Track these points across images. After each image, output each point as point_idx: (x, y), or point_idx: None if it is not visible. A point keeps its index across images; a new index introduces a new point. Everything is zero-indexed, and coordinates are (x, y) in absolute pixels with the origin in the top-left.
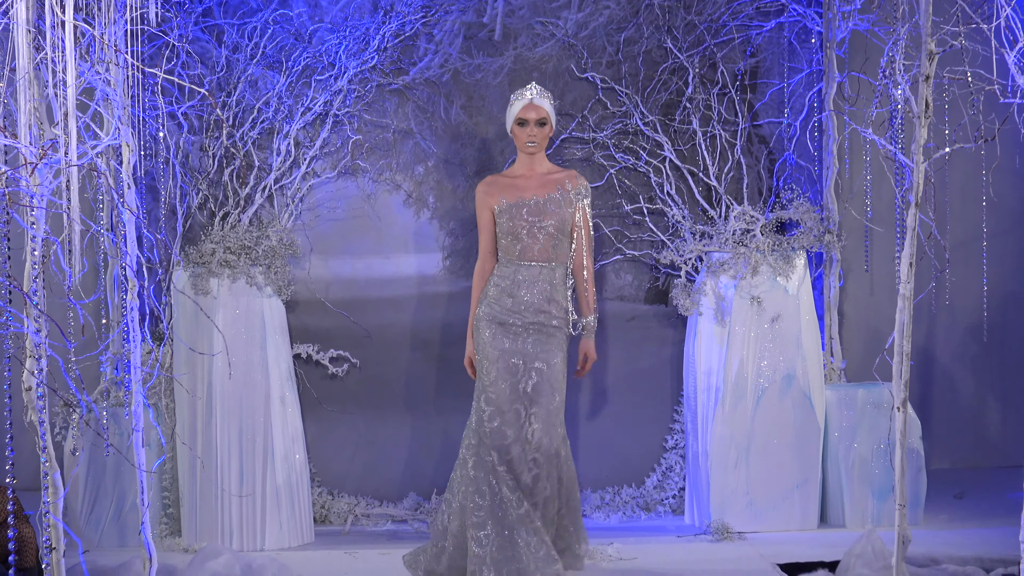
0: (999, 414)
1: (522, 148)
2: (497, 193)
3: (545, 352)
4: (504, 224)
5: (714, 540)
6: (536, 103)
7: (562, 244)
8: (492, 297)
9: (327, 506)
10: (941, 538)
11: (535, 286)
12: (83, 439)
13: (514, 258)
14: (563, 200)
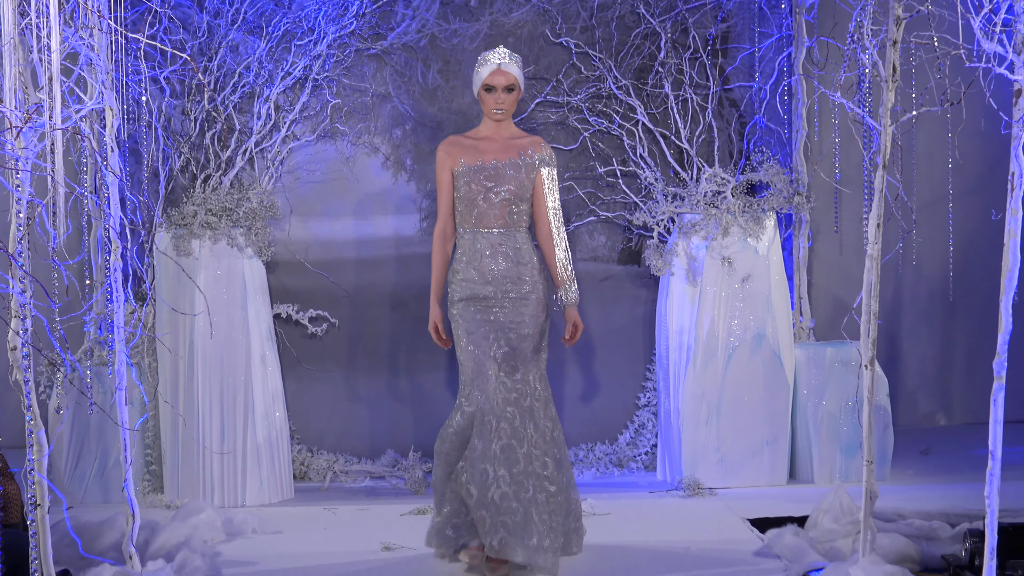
0: (965, 371)
1: (489, 114)
2: (458, 154)
3: (517, 323)
4: (461, 188)
5: (685, 496)
6: (504, 68)
7: (520, 210)
8: (459, 272)
9: (307, 463)
10: (907, 494)
11: (497, 254)
12: (67, 397)
13: (471, 225)
14: (523, 166)
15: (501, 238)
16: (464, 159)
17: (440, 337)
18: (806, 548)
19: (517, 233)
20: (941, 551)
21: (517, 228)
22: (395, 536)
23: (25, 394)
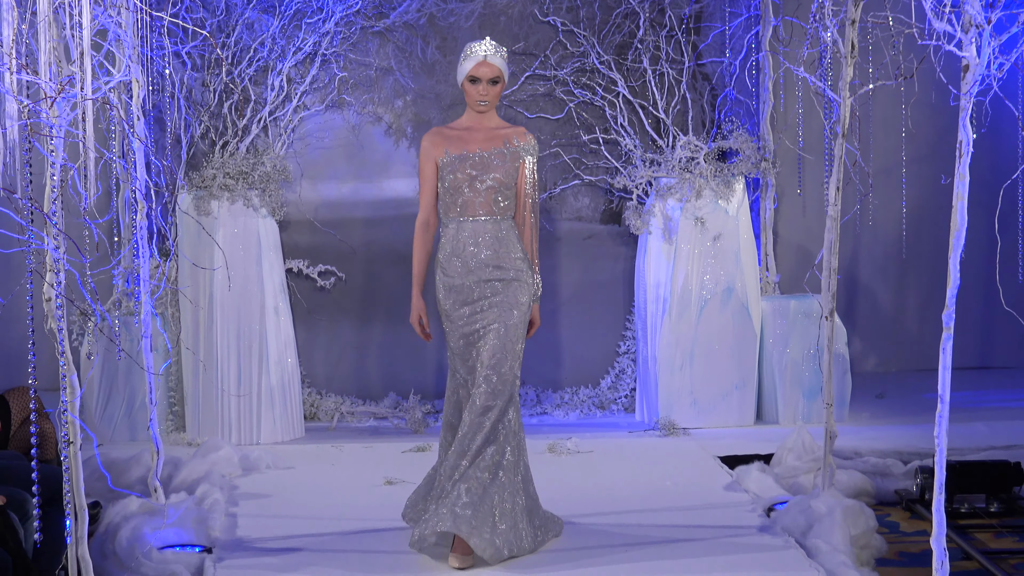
0: (916, 322)
1: (472, 106)
2: (443, 144)
3: (502, 311)
4: (447, 177)
5: (662, 435)
6: (490, 60)
7: (506, 199)
8: (443, 263)
9: (316, 404)
10: (864, 434)
11: (480, 241)
12: (97, 344)
13: (455, 214)
14: (508, 155)
15: (486, 225)
16: (449, 149)
17: (423, 330)
18: (772, 483)
19: (502, 221)
20: (894, 486)
21: (503, 216)
22: (397, 471)
23: (59, 341)
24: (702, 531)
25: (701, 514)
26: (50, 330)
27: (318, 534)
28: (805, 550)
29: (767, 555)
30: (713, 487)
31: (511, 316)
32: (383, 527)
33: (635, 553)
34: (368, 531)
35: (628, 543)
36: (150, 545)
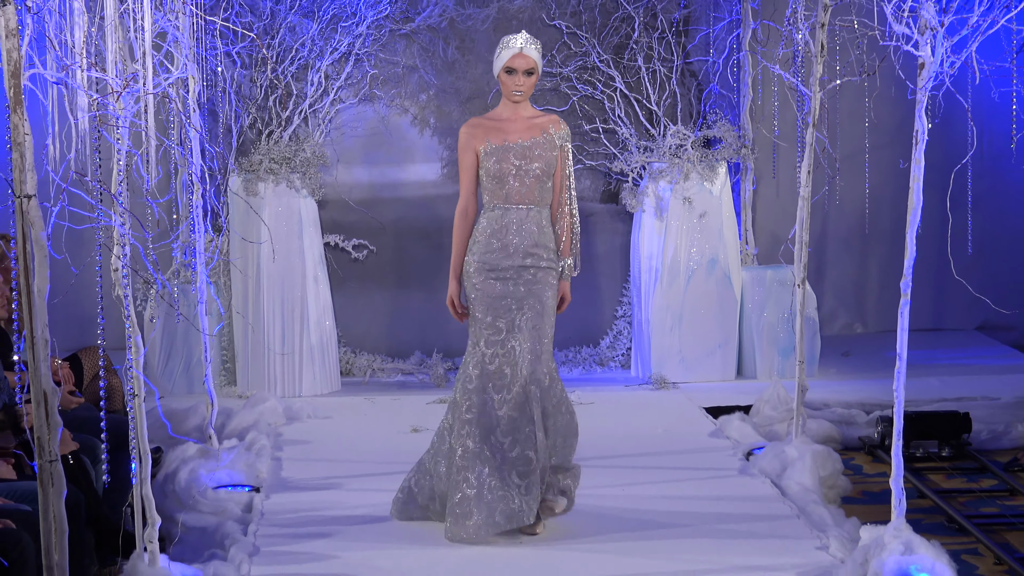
0: (877, 289)
1: (508, 96)
2: (483, 135)
3: (535, 293)
4: (491, 167)
5: (654, 388)
6: (525, 52)
7: (547, 187)
8: (481, 243)
9: (351, 362)
10: (831, 388)
11: (523, 229)
12: (158, 309)
13: (500, 201)
14: (547, 144)
15: (529, 214)
16: (490, 139)
17: (456, 311)
18: (750, 431)
19: (543, 209)
20: (858, 433)
21: (543, 204)
22: (422, 420)
23: (125, 306)
24: (689, 472)
25: (688, 457)
26: (117, 297)
27: (353, 475)
28: (779, 489)
29: (746, 493)
30: (699, 434)
31: (545, 300)
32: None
33: (633, 491)
34: (397, 472)
35: (627, 482)
36: (205, 485)
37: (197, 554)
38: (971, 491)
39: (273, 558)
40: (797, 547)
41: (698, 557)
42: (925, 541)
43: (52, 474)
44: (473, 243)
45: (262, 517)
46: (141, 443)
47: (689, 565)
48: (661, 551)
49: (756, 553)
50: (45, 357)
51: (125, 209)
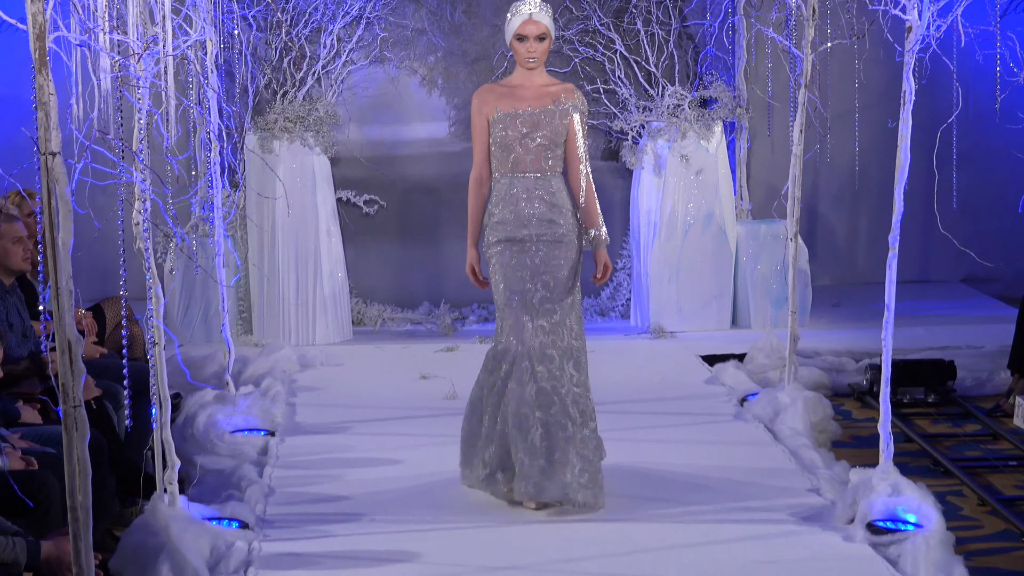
0: (866, 243)
1: (522, 63)
2: (493, 101)
3: (552, 266)
4: (497, 134)
5: (652, 337)
6: (536, 18)
7: (555, 155)
8: (495, 215)
9: (362, 312)
10: (822, 337)
11: (533, 197)
12: (178, 261)
13: (507, 170)
14: (558, 112)
15: (536, 182)
16: (500, 106)
17: (477, 278)
18: (744, 378)
19: (552, 178)
20: (848, 380)
21: (552, 173)
22: (429, 368)
23: (146, 259)
24: (687, 417)
25: (685, 403)
26: (138, 249)
27: (363, 420)
28: (772, 433)
29: (740, 438)
30: (695, 381)
31: (561, 271)
32: (417, 414)
33: (632, 435)
34: (405, 417)
35: (626, 427)
36: (223, 429)
37: (215, 495)
38: (956, 435)
39: (287, 498)
40: (789, 489)
41: (694, 498)
42: (911, 483)
43: (76, 419)
44: (489, 216)
45: (277, 460)
46: (161, 389)
47: (685, 507)
48: (658, 494)
49: (749, 495)
50: (69, 307)
51: (146, 166)
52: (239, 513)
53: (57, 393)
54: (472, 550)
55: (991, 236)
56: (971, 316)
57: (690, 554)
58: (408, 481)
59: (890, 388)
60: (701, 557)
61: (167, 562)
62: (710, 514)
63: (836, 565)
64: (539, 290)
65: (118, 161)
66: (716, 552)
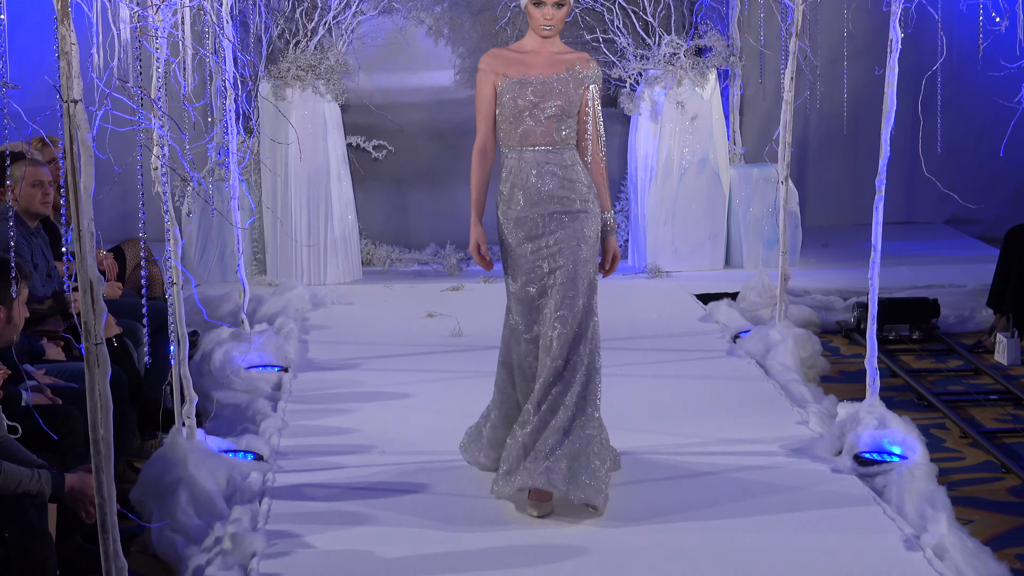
0: (854, 186)
1: (537, 30)
2: (502, 68)
3: (569, 247)
4: (506, 103)
5: (649, 277)
6: None
7: (568, 127)
8: (505, 196)
9: (371, 252)
10: (811, 276)
11: (544, 172)
12: (195, 204)
13: (515, 144)
14: (571, 81)
15: (548, 156)
16: (509, 73)
17: (483, 259)
18: (737, 316)
19: (565, 151)
20: (836, 318)
21: (565, 146)
22: (436, 306)
23: (163, 202)
24: (682, 354)
25: (681, 340)
26: (156, 193)
27: (372, 356)
28: (763, 369)
29: (733, 373)
30: (690, 319)
31: (579, 252)
32: (424, 351)
33: (629, 371)
34: (412, 354)
35: (624, 363)
36: (238, 365)
37: (231, 428)
38: (939, 371)
39: (300, 432)
40: (779, 422)
41: (688, 431)
42: (897, 416)
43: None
44: (499, 198)
45: (290, 395)
46: (179, 327)
47: (679, 439)
48: (653, 427)
49: (741, 427)
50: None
51: (163, 113)
52: (254, 446)
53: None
54: (478, 481)
55: (973, 179)
56: (954, 256)
57: (683, 484)
58: (416, 415)
59: (876, 325)
60: (694, 487)
61: (185, 492)
62: (703, 445)
63: (824, 495)
64: (558, 278)
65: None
66: (708, 482)
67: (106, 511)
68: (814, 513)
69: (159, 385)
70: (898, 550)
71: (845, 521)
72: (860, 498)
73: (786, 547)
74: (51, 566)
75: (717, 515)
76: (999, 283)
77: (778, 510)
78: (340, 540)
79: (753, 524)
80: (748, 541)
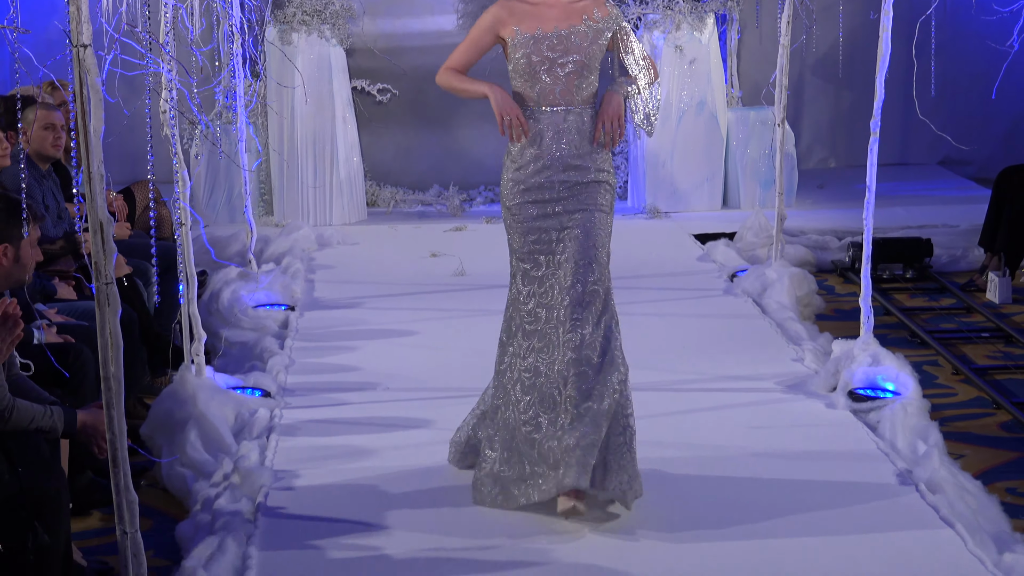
0: (849, 128)
1: None
2: (512, 21)
3: (581, 215)
4: (520, 61)
5: (648, 217)
6: None
7: (588, 83)
8: (514, 155)
9: (375, 194)
10: (807, 216)
11: (561, 133)
12: (203, 147)
13: (531, 104)
14: (590, 32)
15: (567, 117)
16: (521, 27)
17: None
18: (734, 255)
19: (584, 111)
20: (831, 257)
21: (585, 104)
22: (440, 246)
23: (172, 144)
24: (680, 292)
25: (679, 279)
26: (165, 136)
27: (377, 295)
28: (760, 307)
29: (730, 311)
30: (688, 258)
31: (592, 219)
32: (428, 290)
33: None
34: (416, 293)
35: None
36: (246, 304)
37: (239, 365)
38: (932, 309)
39: (306, 369)
40: (776, 358)
41: (686, 368)
42: (890, 353)
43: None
44: (507, 157)
45: (296, 333)
46: (188, 267)
47: (678, 375)
48: (652, 364)
49: (738, 364)
50: (101, 190)
51: (172, 57)
52: (261, 383)
53: (90, 271)
54: None
55: (966, 121)
56: (947, 197)
57: (681, 420)
58: (420, 352)
59: (871, 264)
60: (692, 423)
61: (194, 428)
62: (701, 382)
63: (819, 430)
64: (568, 246)
65: (146, 53)
66: (706, 418)
67: (117, 446)
68: (808, 448)
69: (168, 323)
70: (891, 484)
71: (839, 455)
72: (854, 433)
73: (780, 481)
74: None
75: (713, 451)
76: (991, 223)
77: (772, 445)
78: (345, 474)
79: (748, 459)
80: (743, 475)
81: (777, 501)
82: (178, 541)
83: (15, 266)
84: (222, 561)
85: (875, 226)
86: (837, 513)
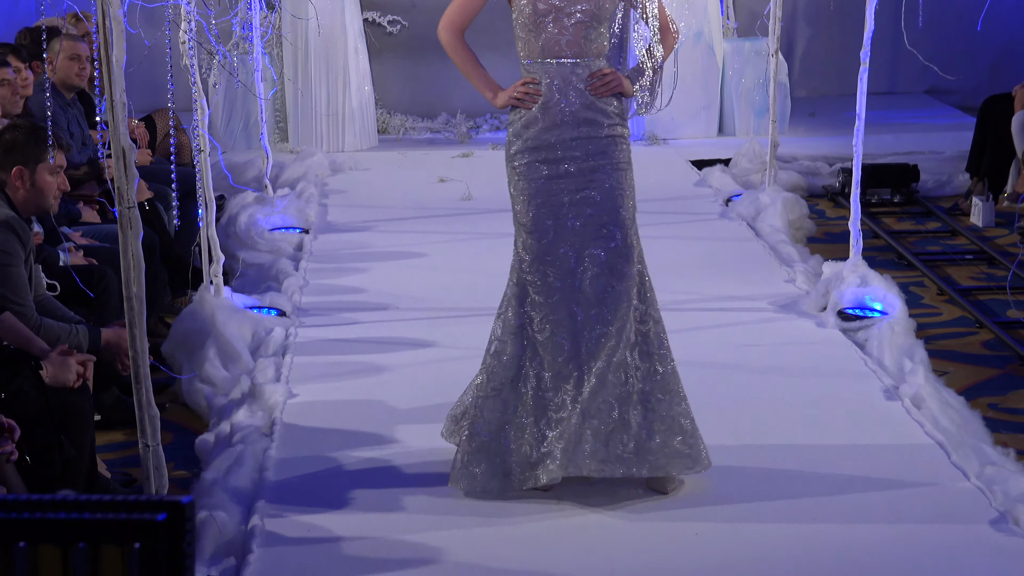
0: (840, 57)
1: None
2: None
3: (596, 174)
4: (524, 10)
5: (647, 144)
6: None
7: (599, 34)
8: (521, 115)
9: (386, 121)
10: (800, 143)
11: (569, 88)
12: (220, 76)
13: (536, 56)
14: None
15: (575, 70)
16: None
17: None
18: (729, 181)
19: (594, 62)
20: (822, 183)
21: (596, 56)
22: (447, 172)
23: (191, 74)
24: (677, 216)
25: (677, 203)
26: (184, 65)
27: (387, 219)
28: (754, 230)
29: (725, 234)
30: (685, 184)
31: (609, 178)
32: (436, 214)
33: None
34: (424, 216)
35: None
36: (262, 227)
37: (255, 286)
38: (918, 232)
39: (320, 290)
40: (769, 279)
41: (682, 288)
42: (878, 275)
43: (130, 219)
44: (513, 112)
45: (310, 255)
46: (207, 192)
47: (673, 296)
48: None
49: (733, 285)
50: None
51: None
52: (277, 302)
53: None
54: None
55: (953, 52)
56: (934, 124)
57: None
58: (427, 273)
59: (860, 189)
60: (688, 341)
61: (213, 346)
62: (697, 302)
63: (810, 348)
64: (584, 210)
65: None
66: (702, 336)
67: (139, 364)
68: (799, 365)
69: (188, 246)
70: (878, 399)
71: (829, 373)
72: (843, 351)
73: (772, 397)
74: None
75: (707, 367)
76: (976, 150)
77: (765, 362)
78: (357, 390)
79: (741, 376)
80: (736, 391)
81: (767, 415)
82: (198, 454)
83: (33, 190)
84: (239, 472)
85: (864, 152)
86: (825, 426)
